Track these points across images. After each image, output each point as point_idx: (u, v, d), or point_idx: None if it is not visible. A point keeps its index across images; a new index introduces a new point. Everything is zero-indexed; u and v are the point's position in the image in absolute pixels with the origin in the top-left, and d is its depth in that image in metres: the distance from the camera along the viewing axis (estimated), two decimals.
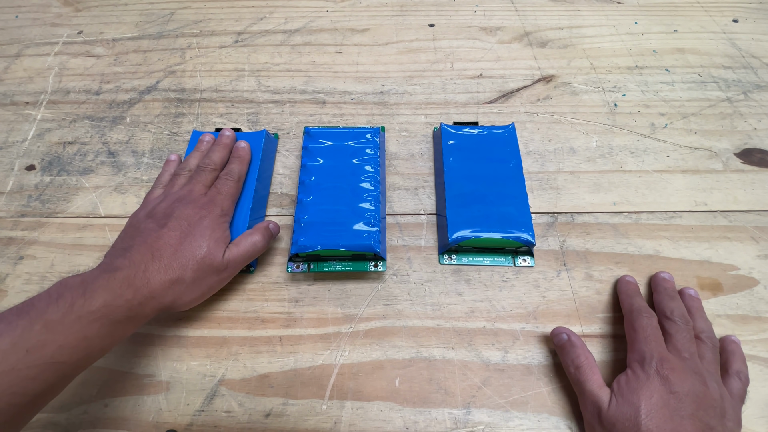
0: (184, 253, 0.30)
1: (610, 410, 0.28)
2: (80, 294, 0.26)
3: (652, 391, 0.27)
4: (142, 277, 0.28)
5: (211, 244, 0.31)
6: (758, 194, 0.40)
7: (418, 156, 0.43)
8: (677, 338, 0.30)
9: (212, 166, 0.36)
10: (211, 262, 0.31)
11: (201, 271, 0.31)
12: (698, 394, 0.27)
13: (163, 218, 0.32)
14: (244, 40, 0.51)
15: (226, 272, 0.33)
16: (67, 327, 0.24)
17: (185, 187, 0.35)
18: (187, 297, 0.31)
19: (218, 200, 0.34)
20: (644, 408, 0.27)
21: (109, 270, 0.28)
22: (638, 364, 0.29)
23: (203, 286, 0.32)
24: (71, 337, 0.24)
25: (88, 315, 0.25)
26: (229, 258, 0.32)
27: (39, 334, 0.24)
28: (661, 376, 0.28)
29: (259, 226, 0.35)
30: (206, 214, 0.33)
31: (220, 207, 0.34)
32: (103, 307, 0.26)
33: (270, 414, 0.32)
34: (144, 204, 0.35)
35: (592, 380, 0.30)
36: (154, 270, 0.29)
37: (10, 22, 0.54)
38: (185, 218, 0.32)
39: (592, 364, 0.30)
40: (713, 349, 0.31)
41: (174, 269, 0.30)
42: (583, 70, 0.48)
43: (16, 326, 0.23)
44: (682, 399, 0.27)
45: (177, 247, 0.30)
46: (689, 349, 0.30)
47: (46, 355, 0.23)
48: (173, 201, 0.33)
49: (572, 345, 0.31)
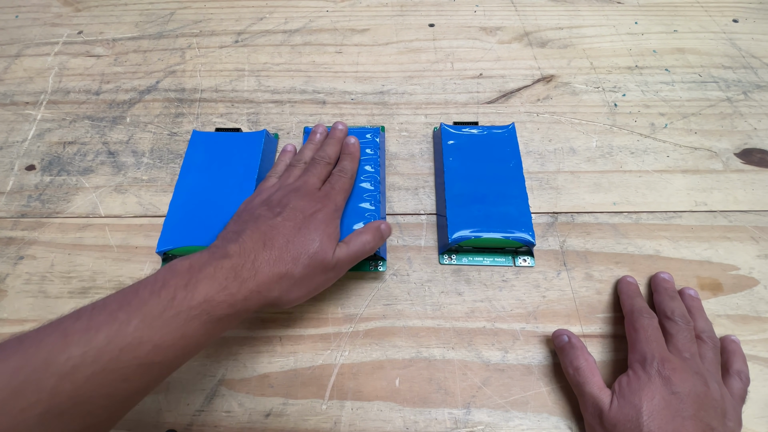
0: (296, 245, 0.29)
1: (612, 411, 0.28)
2: (183, 285, 0.24)
3: (653, 392, 0.27)
4: (250, 268, 0.27)
5: (323, 240, 0.30)
6: (758, 194, 0.40)
7: (418, 156, 0.43)
8: (678, 338, 0.30)
9: (327, 160, 0.35)
10: (322, 258, 0.30)
11: (311, 267, 0.29)
12: (699, 395, 0.27)
13: (277, 207, 0.31)
14: (244, 40, 0.51)
15: (333, 272, 0.31)
16: (165, 324, 0.23)
17: (300, 179, 0.34)
18: (293, 294, 0.29)
19: (332, 195, 0.33)
20: (646, 409, 0.27)
21: (218, 256, 0.27)
22: (639, 365, 0.29)
23: (310, 284, 0.30)
24: (168, 336, 0.23)
25: (188, 311, 0.24)
26: (339, 257, 0.31)
27: (136, 330, 0.22)
28: (662, 376, 0.28)
29: (371, 225, 0.33)
30: (321, 208, 0.31)
31: (334, 202, 0.33)
32: (204, 302, 0.25)
33: (270, 414, 0.32)
34: (258, 191, 0.34)
35: (591, 382, 0.30)
36: (263, 260, 0.27)
37: (10, 22, 0.54)
38: (300, 210, 0.31)
39: (592, 366, 0.30)
40: (714, 349, 0.31)
41: (285, 262, 0.28)
42: (583, 70, 0.48)
43: (114, 319, 0.22)
44: (684, 400, 0.27)
45: (290, 239, 0.29)
46: (690, 349, 0.30)
47: (140, 355, 0.22)
48: (289, 191, 0.32)
49: (572, 347, 0.31)
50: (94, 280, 0.37)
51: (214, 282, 0.25)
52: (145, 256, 0.38)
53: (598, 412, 0.28)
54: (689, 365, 0.29)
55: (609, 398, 0.28)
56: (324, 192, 0.33)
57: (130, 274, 0.37)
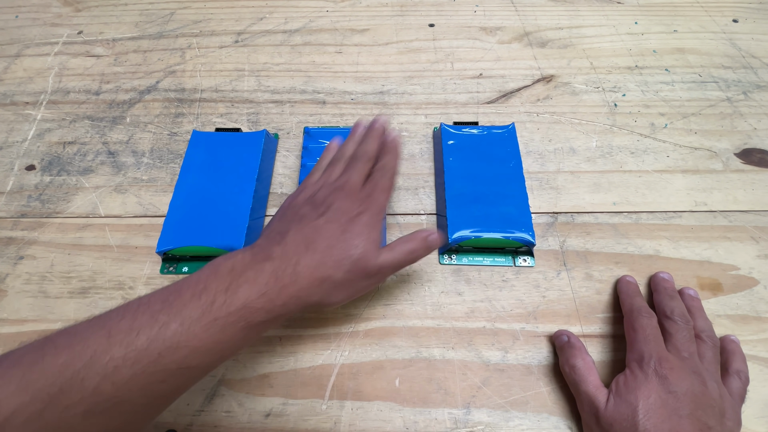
0: (339, 250, 0.28)
1: (608, 410, 0.28)
2: (224, 289, 0.25)
3: (650, 391, 0.27)
4: (291, 273, 0.27)
5: (367, 245, 0.29)
6: (758, 194, 0.40)
7: (418, 156, 0.43)
8: (677, 338, 0.30)
9: (368, 156, 0.34)
10: (365, 264, 0.29)
11: (353, 272, 0.28)
12: (697, 394, 0.27)
13: (321, 206, 0.30)
14: (244, 40, 0.51)
15: (375, 278, 0.30)
16: (203, 329, 0.24)
17: (342, 177, 0.33)
18: (334, 297, 0.29)
19: (375, 196, 0.31)
20: (642, 407, 0.27)
21: (260, 258, 0.27)
22: (637, 364, 0.29)
23: (351, 288, 0.29)
24: (206, 341, 0.24)
25: (226, 317, 0.24)
26: (382, 264, 0.29)
27: (174, 334, 0.23)
28: (659, 375, 0.28)
29: (418, 234, 0.31)
30: (365, 210, 0.30)
31: (377, 204, 0.31)
32: (243, 308, 0.25)
33: (270, 414, 0.32)
34: (303, 187, 0.34)
35: (588, 381, 0.30)
36: (305, 265, 0.27)
37: (10, 22, 0.54)
38: (344, 211, 0.30)
39: (589, 366, 0.30)
40: (713, 348, 0.31)
41: (326, 266, 0.27)
42: (583, 70, 0.48)
43: (155, 322, 0.23)
44: (681, 398, 0.27)
45: (333, 243, 0.28)
46: (689, 349, 0.30)
47: (177, 359, 0.23)
48: (332, 190, 0.31)
49: (571, 346, 0.31)
50: (94, 280, 0.37)
51: (254, 287, 0.25)
52: (145, 256, 0.38)
53: (594, 410, 0.28)
54: (687, 364, 0.28)
55: (605, 397, 0.28)
56: (367, 192, 0.32)
57: (130, 274, 0.37)
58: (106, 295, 0.36)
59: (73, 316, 0.35)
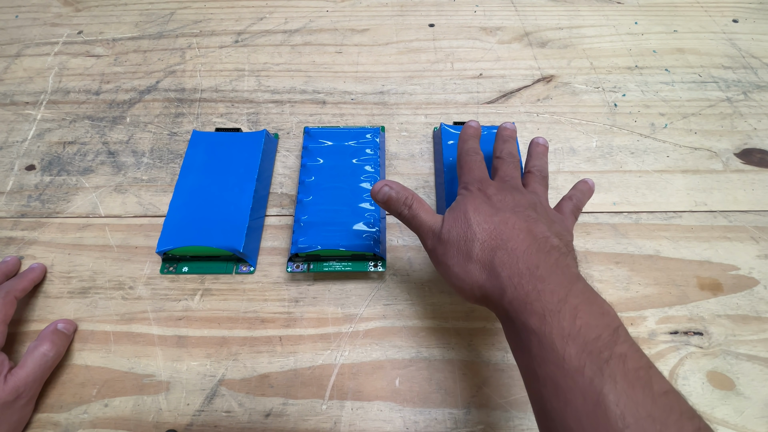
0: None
1: (445, 225, 0.28)
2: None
3: (476, 200, 0.29)
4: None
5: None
6: (758, 194, 0.40)
7: (418, 156, 0.43)
8: (502, 169, 0.32)
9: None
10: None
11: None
12: (518, 198, 0.29)
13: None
14: (244, 40, 0.51)
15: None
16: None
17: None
18: None
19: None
20: (471, 209, 0.28)
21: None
22: (463, 188, 0.30)
23: None
24: None
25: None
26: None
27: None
28: (483, 191, 0.29)
29: (44, 332, 0.33)
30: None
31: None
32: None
33: (270, 414, 0.32)
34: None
35: (423, 209, 0.30)
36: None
37: (10, 22, 0.54)
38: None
39: (419, 199, 0.30)
40: (542, 180, 0.33)
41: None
42: (583, 70, 0.48)
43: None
44: (503, 201, 0.28)
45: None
46: (511, 175, 0.31)
47: None
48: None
49: (397, 192, 0.30)
50: (94, 280, 0.37)
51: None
52: (145, 256, 0.38)
53: (434, 233, 0.29)
54: (509, 185, 0.30)
55: (441, 218, 0.29)
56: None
57: (130, 274, 0.37)
58: (106, 295, 0.36)
59: (73, 316, 0.35)
